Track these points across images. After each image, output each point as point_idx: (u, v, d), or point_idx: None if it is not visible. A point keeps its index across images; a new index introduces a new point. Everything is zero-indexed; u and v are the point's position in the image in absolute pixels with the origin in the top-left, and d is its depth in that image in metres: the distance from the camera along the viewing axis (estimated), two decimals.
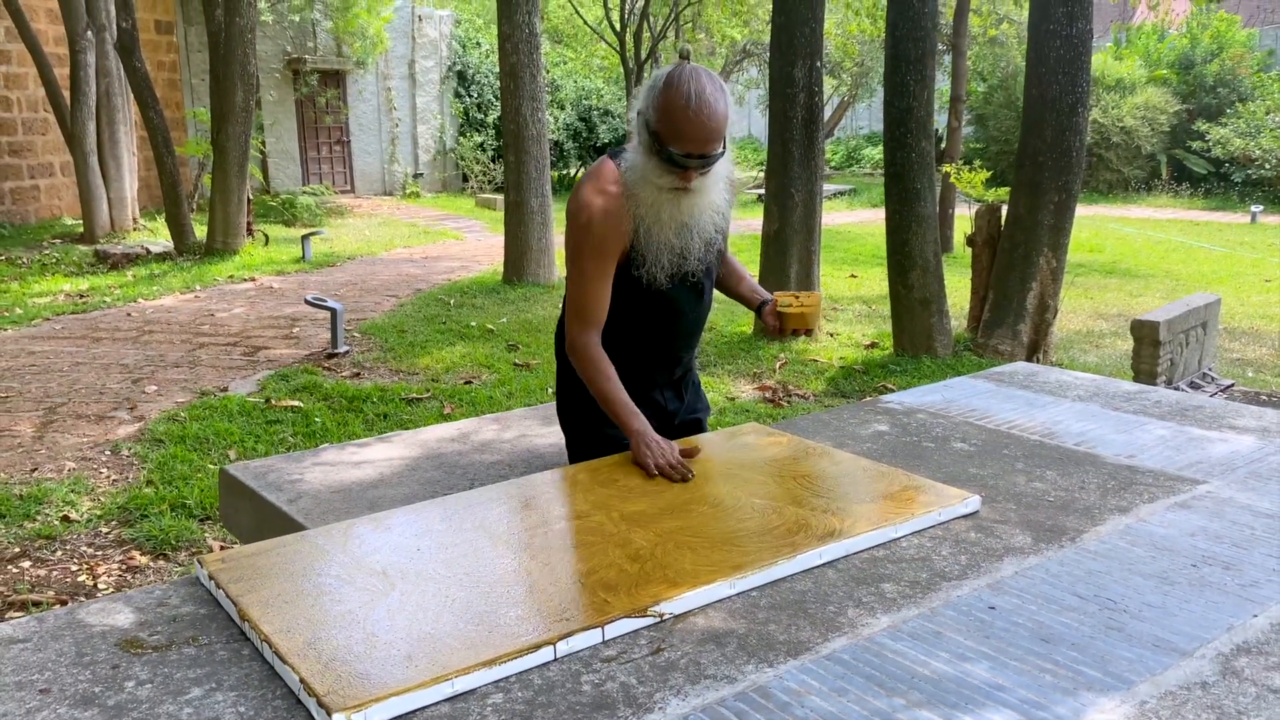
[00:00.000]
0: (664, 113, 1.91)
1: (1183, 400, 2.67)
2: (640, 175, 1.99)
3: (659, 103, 1.92)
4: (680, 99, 1.89)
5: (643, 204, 2.01)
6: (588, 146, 20.05)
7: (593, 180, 2.05)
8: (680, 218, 2.03)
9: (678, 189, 1.98)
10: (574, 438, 2.31)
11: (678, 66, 1.95)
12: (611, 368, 2.09)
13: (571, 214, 2.07)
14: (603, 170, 2.06)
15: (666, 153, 1.92)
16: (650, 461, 1.96)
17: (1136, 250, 12.91)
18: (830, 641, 1.40)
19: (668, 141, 1.92)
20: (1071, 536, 1.76)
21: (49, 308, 7.92)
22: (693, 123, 1.89)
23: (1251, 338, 7.78)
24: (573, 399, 2.27)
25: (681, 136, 1.90)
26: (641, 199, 2.01)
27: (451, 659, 1.30)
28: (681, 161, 1.93)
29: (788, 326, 2.23)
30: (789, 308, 2.22)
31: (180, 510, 3.84)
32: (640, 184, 2.00)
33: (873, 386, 5.87)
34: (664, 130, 1.91)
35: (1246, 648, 1.38)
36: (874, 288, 9.45)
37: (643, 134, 1.97)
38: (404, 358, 6.41)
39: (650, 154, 1.96)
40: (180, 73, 15.82)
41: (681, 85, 1.89)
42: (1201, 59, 20.19)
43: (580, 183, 2.08)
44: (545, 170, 9.06)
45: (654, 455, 1.96)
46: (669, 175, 1.96)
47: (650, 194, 1.99)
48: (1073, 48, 6.10)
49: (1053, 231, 6.35)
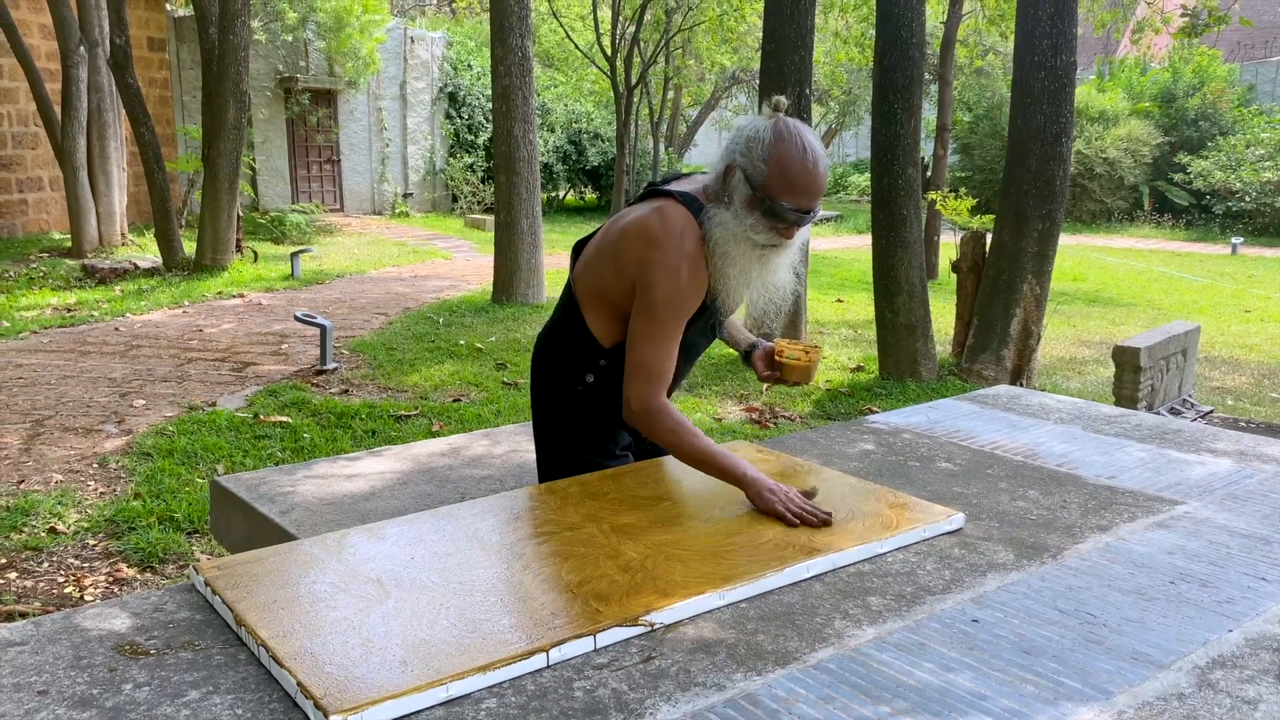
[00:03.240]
0: (777, 166, 1.85)
1: (1162, 424, 2.72)
2: (733, 232, 1.89)
3: (771, 156, 1.85)
4: (796, 152, 1.84)
5: (731, 263, 1.91)
6: (577, 169, 20.16)
7: (676, 236, 1.91)
8: (766, 276, 1.96)
9: (774, 245, 1.92)
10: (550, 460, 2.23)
11: (776, 119, 1.89)
12: (691, 423, 1.97)
13: (657, 268, 1.91)
14: (682, 224, 1.92)
15: (778, 208, 1.86)
16: (781, 508, 1.83)
17: (1119, 279, 13.06)
18: (817, 652, 1.43)
19: (779, 196, 1.85)
20: (1053, 553, 1.80)
21: (36, 321, 7.90)
22: (809, 176, 1.85)
23: (1231, 366, 7.89)
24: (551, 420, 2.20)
25: (796, 190, 1.85)
26: (732, 258, 1.91)
27: (446, 664, 1.32)
28: (792, 217, 1.87)
29: (789, 378, 2.17)
30: (796, 361, 2.13)
31: (168, 523, 3.84)
32: (732, 241, 1.90)
33: (858, 409, 5.92)
34: (776, 185, 1.85)
35: (1222, 661, 1.42)
36: (860, 312, 9.52)
37: (742, 189, 1.88)
38: (393, 375, 6.43)
39: (752, 210, 1.88)
40: (172, 89, 15.85)
41: (793, 139, 1.85)
42: (1183, 93, 20.52)
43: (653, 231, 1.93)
44: (536, 192, 9.12)
45: (782, 501, 1.85)
46: (770, 231, 1.89)
47: (744, 252, 1.90)
48: (1057, 79, 6.21)
49: (1036, 259, 6.44)
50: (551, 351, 2.19)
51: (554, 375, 2.18)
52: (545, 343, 2.21)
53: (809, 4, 6.65)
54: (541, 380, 2.21)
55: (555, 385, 2.17)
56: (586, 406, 2.15)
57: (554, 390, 2.18)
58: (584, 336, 2.11)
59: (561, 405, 2.17)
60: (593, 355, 2.11)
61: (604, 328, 2.09)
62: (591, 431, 2.18)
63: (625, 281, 1.99)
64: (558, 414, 2.19)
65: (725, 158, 1.93)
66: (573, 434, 2.17)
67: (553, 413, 2.20)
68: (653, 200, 2.01)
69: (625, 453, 2.24)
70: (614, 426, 2.19)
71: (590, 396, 2.14)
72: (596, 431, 2.18)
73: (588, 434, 2.18)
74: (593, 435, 2.18)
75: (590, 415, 2.16)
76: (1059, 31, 6.18)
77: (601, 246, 2.07)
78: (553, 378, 2.18)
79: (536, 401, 2.23)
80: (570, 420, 2.17)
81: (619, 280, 2.00)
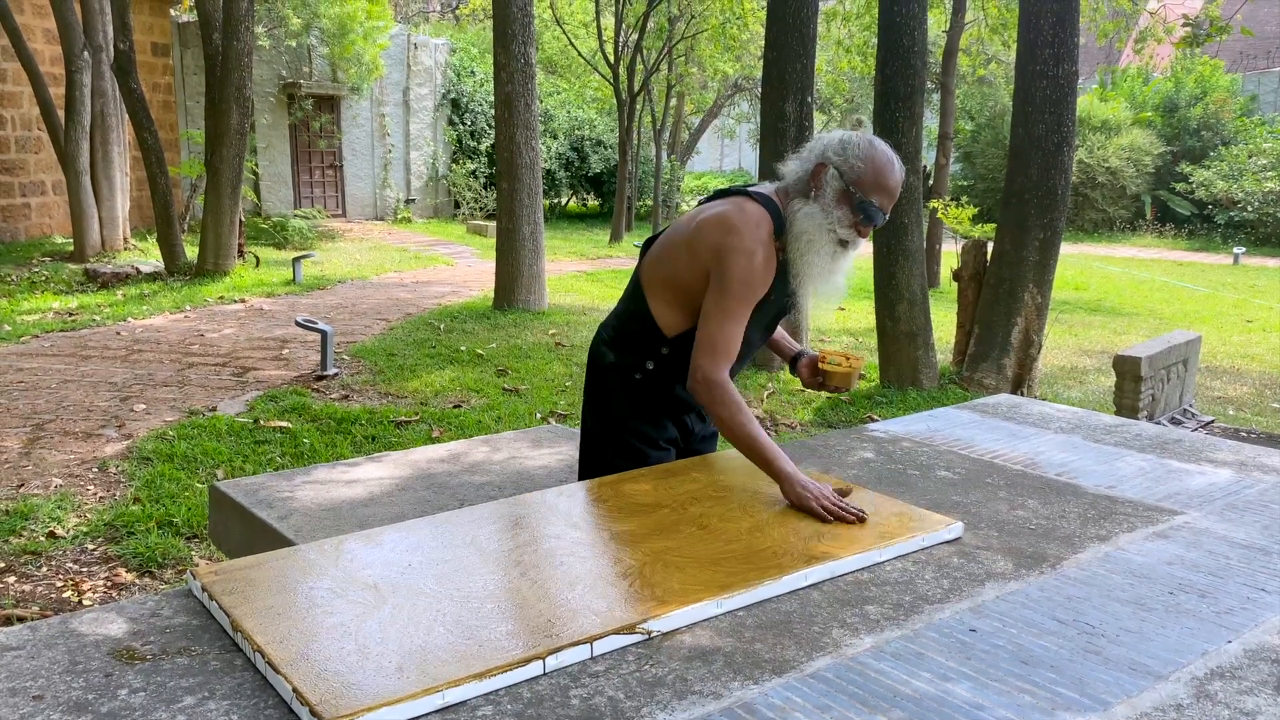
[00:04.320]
0: (872, 166, 2.07)
1: (1162, 434, 2.72)
2: (819, 223, 2.08)
3: (867, 157, 2.08)
4: (885, 158, 2.09)
5: (817, 251, 2.09)
6: (579, 176, 20.19)
7: (753, 225, 2.08)
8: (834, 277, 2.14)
9: (847, 243, 2.11)
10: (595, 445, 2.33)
11: (861, 130, 2.15)
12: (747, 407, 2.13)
13: (735, 252, 2.07)
14: (758, 216, 2.10)
15: (867, 204, 2.07)
16: (815, 505, 1.93)
17: (1120, 289, 13.06)
18: (815, 660, 1.43)
19: (870, 194, 2.07)
20: (1052, 563, 1.80)
21: (38, 325, 7.91)
22: (897, 179, 2.10)
23: (1232, 376, 7.88)
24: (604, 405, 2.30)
25: (885, 189, 2.08)
26: (816, 247, 2.09)
27: (442, 671, 1.32)
28: (876, 214, 2.09)
29: (830, 384, 2.32)
30: (838, 367, 2.29)
31: (167, 528, 3.83)
32: (817, 230, 2.08)
33: (859, 417, 5.92)
34: (870, 183, 2.07)
35: (1220, 672, 1.42)
36: (861, 320, 9.52)
37: (834, 184, 2.08)
38: (393, 381, 6.43)
39: (841, 204, 2.08)
40: (175, 94, 15.89)
41: (881, 148, 2.10)
42: (1185, 103, 20.55)
43: (733, 221, 2.09)
44: (538, 198, 9.13)
45: (816, 498, 1.94)
46: (852, 228, 2.09)
47: (826, 243, 2.09)
48: (1059, 88, 6.22)
49: (1038, 268, 6.44)
50: (615, 338, 2.30)
51: (616, 361, 2.29)
52: (609, 330, 2.33)
53: (811, 12, 6.66)
54: (601, 366, 2.32)
55: (616, 370, 2.28)
56: (642, 394, 2.26)
57: (614, 375, 2.28)
58: (649, 325, 2.23)
59: (618, 391, 2.28)
60: (656, 343, 2.23)
61: (670, 316, 2.21)
62: (642, 419, 2.28)
63: (699, 268, 2.13)
64: (613, 399, 2.29)
65: (815, 158, 2.12)
66: (623, 420, 2.28)
67: (607, 398, 2.30)
68: (727, 198, 2.20)
69: (669, 446, 2.33)
70: (664, 418, 2.30)
71: (648, 384, 2.25)
72: (647, 420, 2.28)
73: (638, 422, 2.28)
74: (642, 424, 2.28)
75: (644, 403, 2.27)
76: (1061, 41, 6.19)
77: (674, 239, 2.21)
78: (614, 363, 2.29)
79: (592, 386, 2.35)
80: (623, 406, 2.28)
81: (692, 267, 2.14)
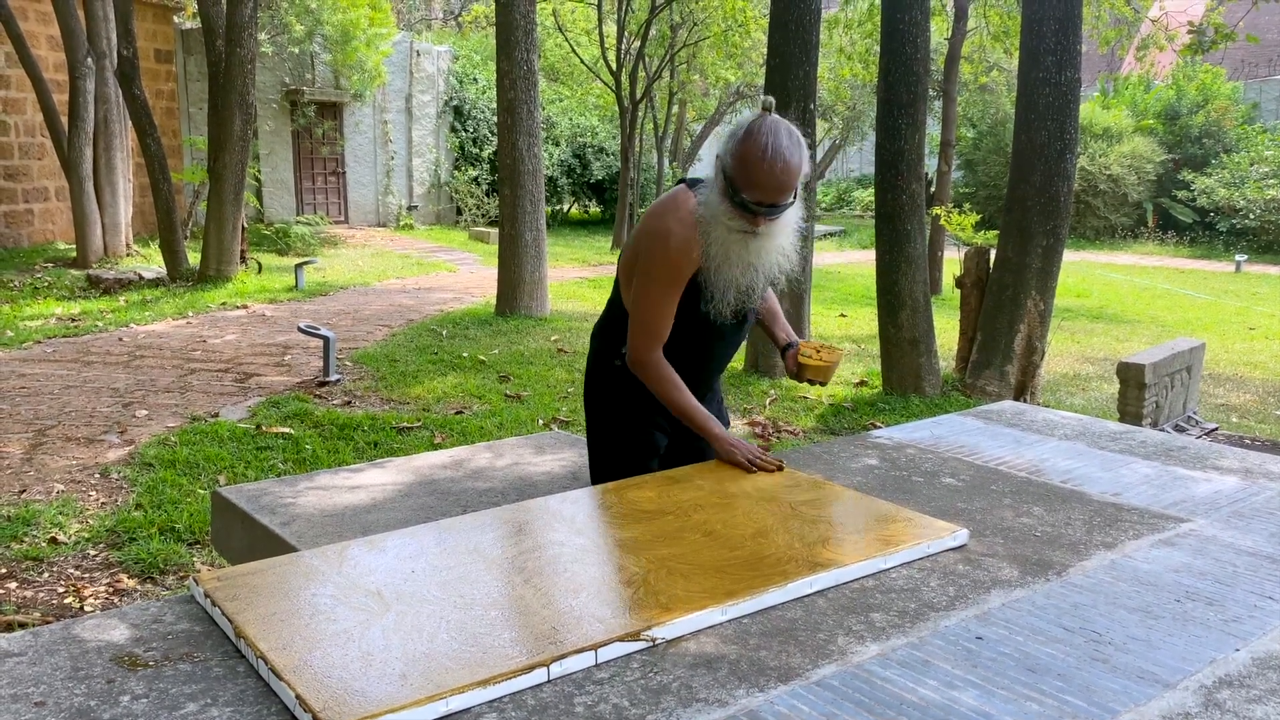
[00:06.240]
0: (740, 161, 2.03)
1: (1167, 441, 2.71)
2: (713, 214, 2.10)
3: (737, 151, 2.04)
4: (756, 150, 2.01)
5: (714, 242, 2.11)
6: (581, 183, 20.20)
7: (672, 210, 2.16)
8: (747, 258, 2.13)
9: (746, 232, 2.09)
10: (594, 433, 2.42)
11: (759, 117, 2.06)
12: (680, 380, 2.23)
13: (649, 235, 2.17)
14: (682, 201, 2.17)
15: (739, 199, 2.04)
16: (740, 458, 2.18)
17: (1123, 296, 13.05)
18: (820, 668, 1.42)
19: (741, 188, 2.04)
20: (1058, 570, 1.79)
21: (40, 330, 7.91)
22: (766, 174, 2.01)
23: (1236, 384, 7.86)
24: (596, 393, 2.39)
25: (754, 185, 2.02)
26: (713, 237, 2.11)
27: (446, 678, 1.31)
28: (752, 208, 2.04)
29: (804, 375, 2.37)
30: (808, 359, 2.35)
31: (169, 534, 3.83)
32: (712, 222, 2.10)
33: (861, 424, 5.91)
34: (739, 177, 2.03)
35: (1228, 680, 1.41)
36: (863, 327, 9.51)
37: (719, 178, 2.09)
38: (395, 387, 6.42)
39: (724, 197, 2.08)
40: (178, 101, 15.93)
41: (760, 136, 2.01)
42: (1187, 110, 20.55)
43: (659, 208, 2.19)
44: (540, 204, 9.14)
45: (742, 452, 2.19)
46: (739, 219, 2.08)
47: (721, 233, 2.10)
48: (1061, 95, 6.22)
49: (1040, 275, 6.43)
50: (600, 331, 2.41)
51: (599, 348, 2.39)
52: (597, 324, 2.43)
53: (813, 20, 6.67)
54: (591, 357, 2.43)
55: (599, 360, 2.38)
56: (625, 379, 2.32)
57: (598, 365, 2.39)
58: (623, 315, 2.30)
59: (604, 379, 2.37)
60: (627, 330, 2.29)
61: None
62: (629, 403, 2.34)
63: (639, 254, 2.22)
64: (601, 387, 2.39)
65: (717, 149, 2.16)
66: (613, 406, 2.36)
67: (597, 386, 2.40)
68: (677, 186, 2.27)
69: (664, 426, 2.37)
70: (647, 400, 2.33)
71: (626, 369, 2.31)
72: (634, 403, 2.33)
73: (626, 406, 2.34)
74: (630, 407, 2.34)
75: (628, 388, 2.32)
76: (1063, 48, 6.19)
77: (633, 232, 2.30)
78: (598, 350, 2.40)
79: (587, 378, 2.45)
80: (611, 393, 2.36)
81: (637, 254, 2.22)
